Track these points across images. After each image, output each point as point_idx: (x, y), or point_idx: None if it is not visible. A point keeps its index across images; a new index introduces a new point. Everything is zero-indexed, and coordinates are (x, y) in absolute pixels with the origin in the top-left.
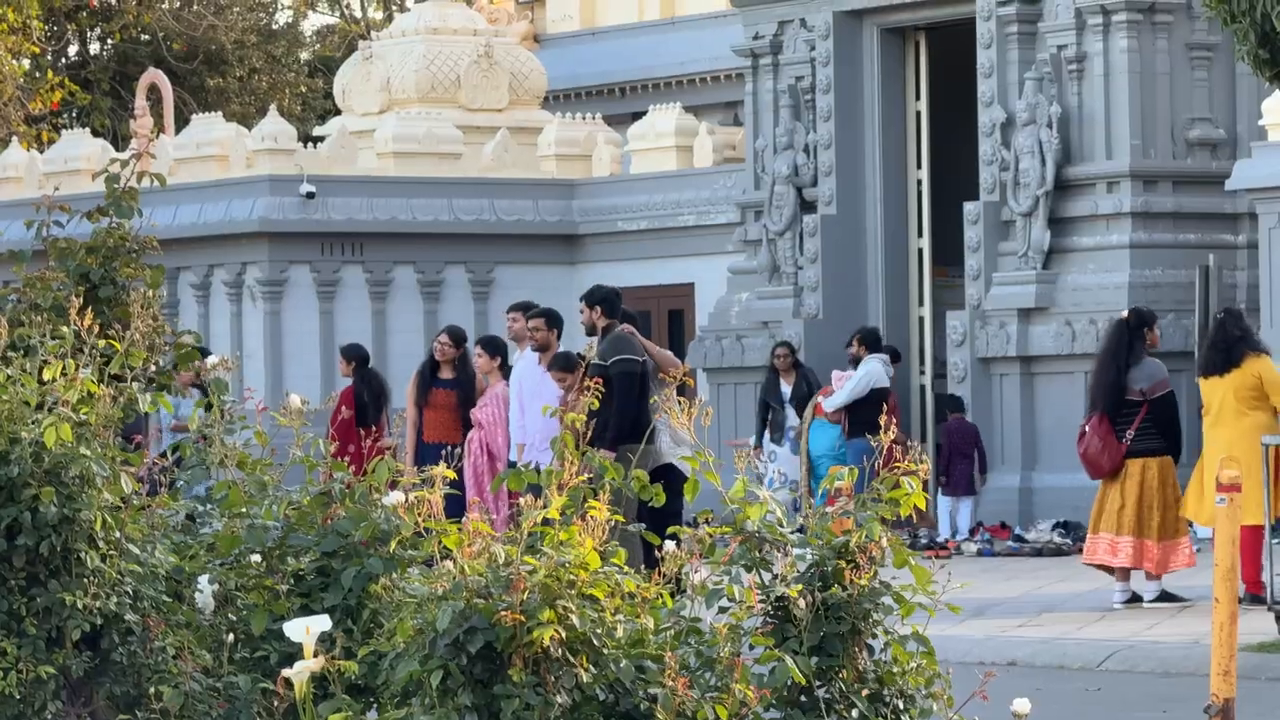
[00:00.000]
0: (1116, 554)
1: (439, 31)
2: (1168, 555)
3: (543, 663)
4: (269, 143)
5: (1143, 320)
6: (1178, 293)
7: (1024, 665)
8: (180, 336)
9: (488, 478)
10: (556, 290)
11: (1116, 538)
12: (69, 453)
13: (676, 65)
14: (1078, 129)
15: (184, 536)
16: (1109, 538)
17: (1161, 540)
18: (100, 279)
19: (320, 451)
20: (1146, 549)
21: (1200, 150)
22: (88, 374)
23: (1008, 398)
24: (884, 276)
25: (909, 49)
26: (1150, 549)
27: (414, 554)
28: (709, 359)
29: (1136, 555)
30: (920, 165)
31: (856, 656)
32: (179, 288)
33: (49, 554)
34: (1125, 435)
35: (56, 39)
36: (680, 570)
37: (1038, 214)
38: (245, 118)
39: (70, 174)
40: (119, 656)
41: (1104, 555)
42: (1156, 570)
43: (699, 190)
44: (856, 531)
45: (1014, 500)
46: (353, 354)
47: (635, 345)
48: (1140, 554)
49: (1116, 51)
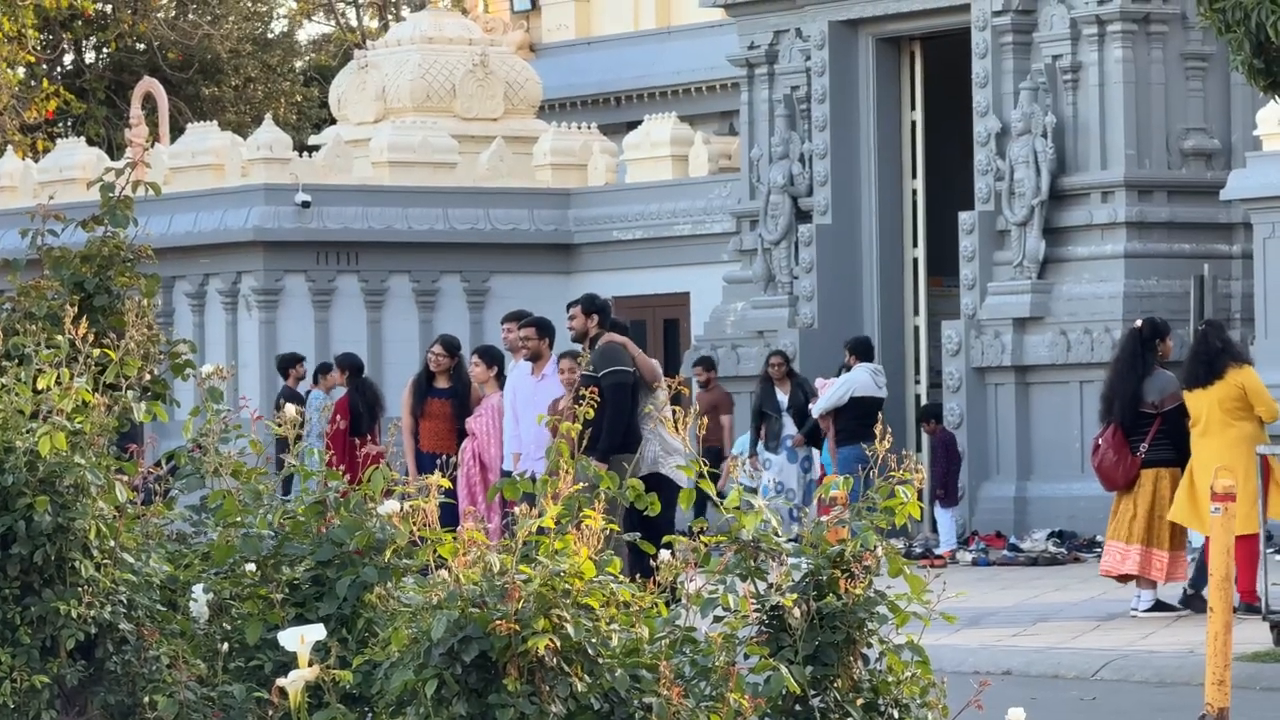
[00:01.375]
0: (1124, 562)
1: (434, 41)
2: (1175, 565)
3: (537, 672)
4: (264, 152)
5: (1156, 331)
6: (1172, 303)
7: (1019, 674)
8: (175, 346)
9: (480, 488)
10: (552, 299)
11: (1127, 546)
12: (63, 462)
13: (672, 75)
14: (1073, 139)
15: (178, 545)
16: (1120, 546)
17: (1171, 550)
18: (95, 288)
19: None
20: (1154, 558)
21: (1195, 160)
22: (82, 383)
23: (1003, 407)
24: (879, 286)
25: (904, 59)
26: (1159, 558)
27: (409, 563)
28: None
29: (1144, 563)
30: (915, 175)
31: (851, 666)
32: (174, 297)
33: (43, 563)
34: (1140, 448)
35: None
36: (675, 579)
37: (1033, 224)
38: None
39: (65, 183)
40: (113, 666)
41: (1112, 563)
42: (1165, 580)
43: (694, 200)
44: (852, 541)
45: (1009, 509)
46: (347, 363)
47: (625, 357)
48: (1147, 562)
49: (1111, 61)
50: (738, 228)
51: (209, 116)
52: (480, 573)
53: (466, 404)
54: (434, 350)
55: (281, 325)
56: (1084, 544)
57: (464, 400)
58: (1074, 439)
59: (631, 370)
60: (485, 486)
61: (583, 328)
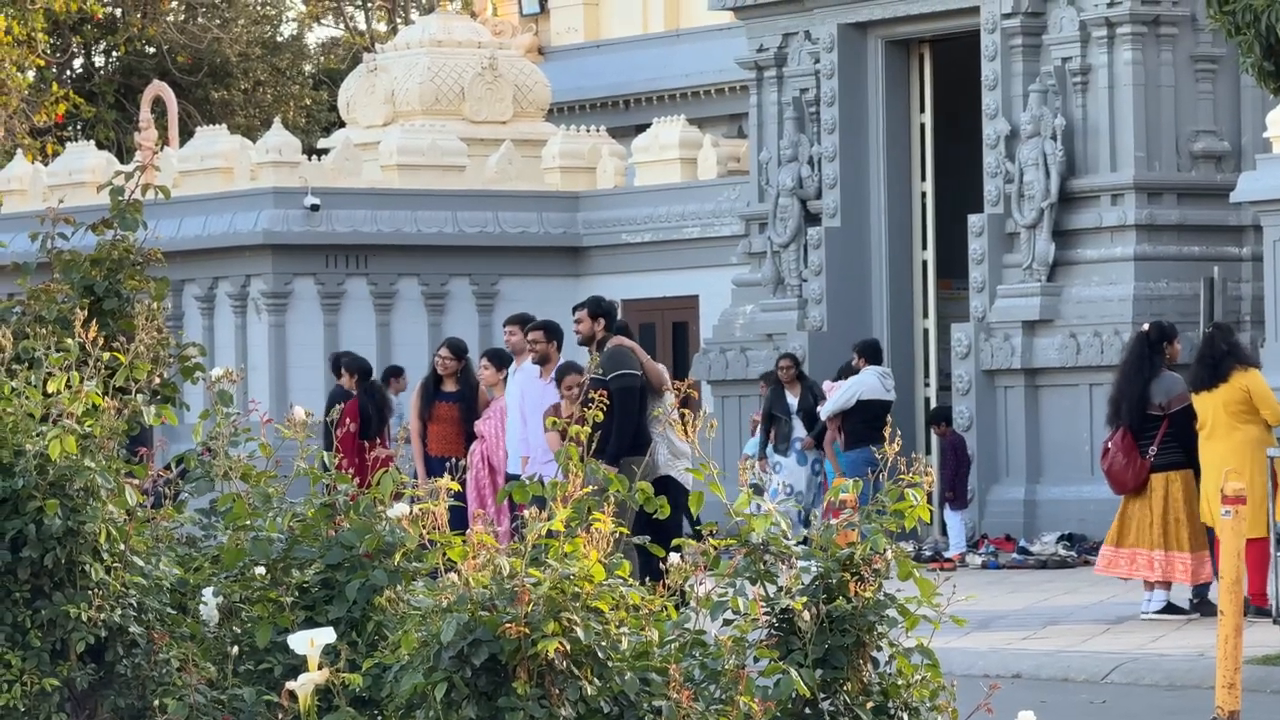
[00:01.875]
0: (1152, 569)
1: (443, 44)
2: (1199, 566)
3: (547, 675)
4: (273, 155)
5: (1164, 334)
6: (1182, 305)
7: (1029, 678)
8: (185, 349)
9: (489, 491)
10: (560, 302)
11: (1150, 553)
12: (74, 465)
13: (681, 77)
14: (1082, 141)
15: (188, 549)
16: (1144, 553)
17: (1192, 552)
18: (105, 291)
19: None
20: (1179, 561)
21: (1205, 163)
22: (92, 386)
23: (1012, 410)
24: (888, 289)
25: (913, 61)
26: (1183, 560)
27: (419, 566)
28: (713, 371)
29: (1166, 568)
30: (925, 177)
31: (861, 669)
32: (183, 300)
33: (53, 566)
34: (1149, 451)
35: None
36: (685, 582)
37: (1042, 226)
38: (250, 130)
39: (75, 186)
40: (123, 669)
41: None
42: (1191, 581)
43: (703, 203)
44: (861, 544)
45: (1019, 512)
46: (355, 366)
47: (634, 360)
48: (1172, 566)
49: (1121, 64)
50: (746, 230)
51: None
52: (490, 576)
53: (474, 407)
54: (441, 353)
55: (290, 328)
56: (1094, 547)
57: (472, 403)
58: (1083, 442)
59: (640, 374)
60: (494, 489)
61: (589, 331)
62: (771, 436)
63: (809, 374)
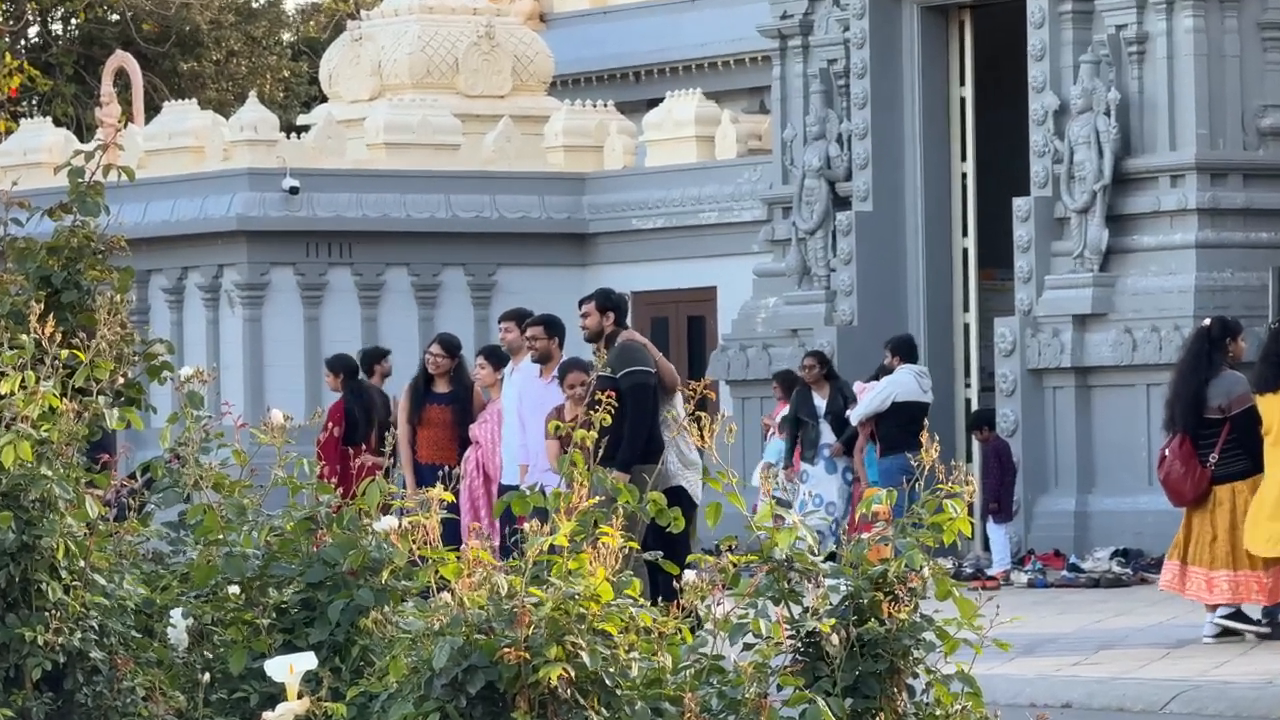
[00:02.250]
0: (1212, 591)
1: (435, 10)
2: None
3: (550, 704)
4: (248, 133)
5: (1226, 330)
6: (1248, 297)
7: (1079, 708)
8: (151, 346)
9: (484, 501)
10: (564, 294)
11: (1211, 573)
12: (29, 474)
13: (696, 47)
14: (1138, 117)
15: (155, 566)
16: (1201, 573)
17: (1268, 569)
18: (63, 283)
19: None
20: (1253, 580)
21: (1273, 140)
22: (49, 387)
23: (1061, 413)
24: (925, 279)
25: (953, 29)
26: (1256, 580)
27: (408, 585)
28: (732, 370)
29: (1235, 589)
30: (965, 157)
31: (895, 698)
32: (150, 292)
33: (7, 585)
34: (1209, 459)
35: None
36: (701, 603)
37: (1094, 210)
38: (222, 105)
39: (30, 167)
40: (84, 698)
41: (1197, 591)
42: (1269, 600)
43: (721, 185)
44: (895, 560)
45: (1069, 526)
46: (340, 365)
47: (646, 357)
48: (1242, 588)
49: (1181, 32)
50: (769, 215)
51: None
52: (486, 595)
53: (469, 410)
54: (432, 350)
55: (267, 323)
56: (1151, 563)
57: (466, 406)
58: (1140, 448)
59: (653, 371)
60: (490, 500)
61: (597, 326)
62: (798, 442)
63: (838, 373)
